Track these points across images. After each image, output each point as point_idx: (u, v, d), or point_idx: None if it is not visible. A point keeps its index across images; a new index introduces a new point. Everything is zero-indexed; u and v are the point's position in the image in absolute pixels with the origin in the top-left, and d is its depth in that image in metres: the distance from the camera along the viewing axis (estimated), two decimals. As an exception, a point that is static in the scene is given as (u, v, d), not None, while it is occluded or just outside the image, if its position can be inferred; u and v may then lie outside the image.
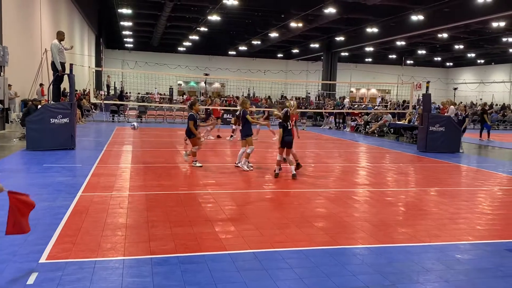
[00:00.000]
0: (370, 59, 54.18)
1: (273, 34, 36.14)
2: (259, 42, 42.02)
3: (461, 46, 40.92)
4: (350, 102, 32.73)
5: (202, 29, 36.59)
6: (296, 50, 48.19)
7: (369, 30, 31.35)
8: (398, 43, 38.85)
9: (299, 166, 9.91)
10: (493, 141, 19.09)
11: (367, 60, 54.34)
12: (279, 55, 53.12)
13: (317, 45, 42.37)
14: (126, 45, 49.95)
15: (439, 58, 51.91)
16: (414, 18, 25.77)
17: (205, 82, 37.89)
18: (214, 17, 29.77)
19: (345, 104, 26.54)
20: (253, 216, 6.35)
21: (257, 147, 12.70)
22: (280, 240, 5.31)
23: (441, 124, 14.52)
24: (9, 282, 3.98)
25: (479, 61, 51.98)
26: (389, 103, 32.72)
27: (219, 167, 10.24)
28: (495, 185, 9.53)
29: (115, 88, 40.54)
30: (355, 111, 25.14)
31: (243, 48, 46.82)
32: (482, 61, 51.79)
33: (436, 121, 14.56)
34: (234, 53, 50.95)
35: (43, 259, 4.48)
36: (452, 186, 9.27)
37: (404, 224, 6.25)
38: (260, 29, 36.94)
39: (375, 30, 31.18)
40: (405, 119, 19.65)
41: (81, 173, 8.95)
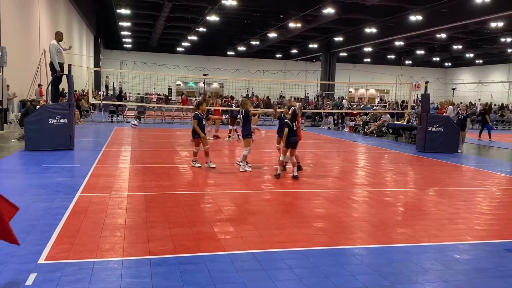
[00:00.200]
0: (369, 60, 54.23)
1: (272, 35, 36.15)
2: (258, 43, 42.02)
3: (460, 46, 40.97)
4: (349, 103, 32.73)
5: (201, 30, 36.59)
6: (295, 51, 48.21)
7: (368, 30, 31.38)
8: (397, 43, 38.89)
9: (300, 169, 9.90)
10: (494, 142, 19.11)
11: (366, 61, 54.39)
12: (278, 56, 53.15)
13: (316, 46, 42.40)
14: (125, 46, 49.91)
15: (438, 58, 51.97)
16: (413, 18, 25.81)
17: (204, 83, 37.85)
18: (213, 18, 29.77)
19: (344, 105, 26.55)
20: (252, 217, 6.35)
21: (256, 147, 12.70)
22: (279, 241, 5.31)
23: (440, 124, 14.53)
24: (8, 283, 3.97)
25: (478, 61, 52.06)
26: (388, 104, 32.70)
27: (218, 168, 10.23)
28: (494, 185, 9.55)
29: (114, 89, 40.53)
30: (354, 111, 25.16)
31: (242, 49, 46.82)
32: (481, 61, 51.86)
33: (435, 121, 14.57)
34: (233, 54, 50.95)
35: (42, 260, 4.47)
36: (451, 186, 9.28)
37: (403, 224, 6.25)
38: (259, 30, 36.94)
39: (374, 30, 31.20)
40: (404, 119, 19.68)
41: (80, 174, 8.94)
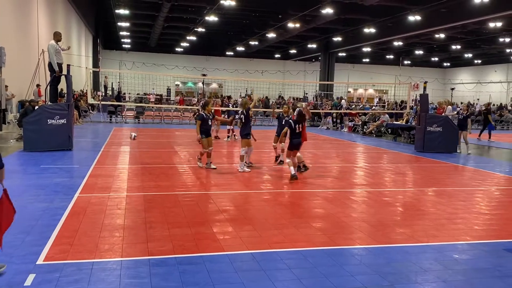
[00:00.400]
0: (368, 60, 54.26)
1: (271, 35, 36.16)
2: (257, 43, 42.02)
3: (458, 47, 41.01)
4: (348, 103, 32.75)
5: (200, 30, 36.58)
6: (294, 51, 48.22)
7: (367, 31, 31.40)
8: (396, 44, 38.92)
9: (306, 169, 9.88)
10: (493, 142, 19.12)
11: (365, 61, 54.42)
12: (277, 56, 53.15)
13: (315, 46, 42.40)
14: (124, 46, 49.87)
15: (436, 59, 52.03)
16: (411, 19, 25.83)
17: (203, 83, 37.83)
18: (212, 18, 29.76)
19: (343, 105, 26.57)
20: (251, 217, 6.35)
21: (256, 147, 12.68)
22: (278, 241, 5.31)
23: (439, 124, 14.54)
24: (7, 284, 3.96)
25: (476, 61, 52.12)
26: (386, 104, 32.73)
27: (217, 168, 10.22)
28: (493, 185, 9.56)
29: (113, 89, 40.50)
30: (353, 112, 25.18)
31: (241, 49, 46.82)
32: (479, 61, 51.93)
33: (434, 121, 14.58)
34: (232, 54, 50.95)
35: (41, 261, 4.46)
36: (450, 186, 9.29)
37: (402, 224, 6.26)
38: (258, 30, 36.94)
39: (373, 31, 31.22)
40: (403, 119, 19.69)
41: (79, 174, 8.93)
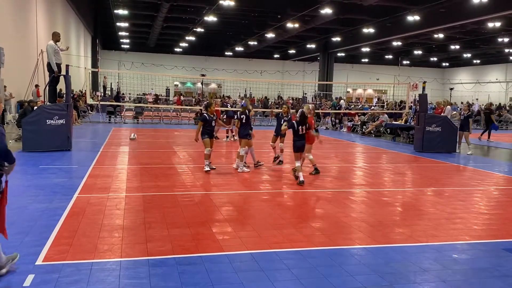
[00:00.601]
0: (367, 60, 54.28)
1: (270, 35, 36.16)
2: (256, 43, 42.02)
3: (457, 46, 41.04)
4: (347, 103, 32.76)
5: (199, 30, 36.55)
6: (293, 51, 48.22)
7: (366, 31, 31.42)
8: (394, 44, 38.94)
9: (316, 172, 9.85)
10: (492, 142, 19.12)
11: (364, 61, 54.44)
12: (276, 56, 53.15)
13: (314, 46, 42.41)
14: (123, 46, 49.84)
15: (435, 59, 52.05)
16: (410, 19, 25.84)
17: (202, 83, 37.86)
18: (211, 18, 29.74)
19: (341, 105, 26.58)
20: (250, 217, 6.35)
21: (254, 147, 12.65)
22: (278, 241, 5.31)
23: (438, 124, 14.56)
24: (6, 284, 3.96)
25: (475, 61, 52.17)
26: (386, 104, 32.75)
27: (217, 168, 10.22)
28: (492, 185, 9.57)
29: (112, 89, 40.46)
30: (352, 112, 25.19)
31: (240, 49, 46.82)
32: (478, 61, 51.98)
33: (433, 121, 14.59)
34: (231, 54, 50.94)
35: (40, 261, 4.46)
36: (449, 186, 9.29)
37: (401, 224, 6.26)
38: (257, 30, 36.94)
39: (371, 31, 31.24)
40: (402, 119, 19.70)
41: (78, 175, 8.92)
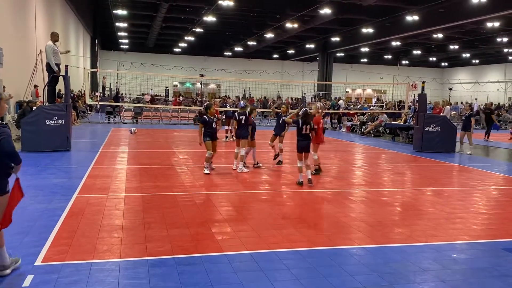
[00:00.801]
0: (366, 60, 54.30)
1: (269, 35, 36.16)
2: (255, 43, 42.01)
3: (456, 46, 41.06)
4: (346, 103, 32.75)
5: (198, 30, 36.54)
6: (292, 51, 48.21)
7: (365, 31, 31.43)
8: (394, 44, 38.95)
9: (317, 172, 9.82)
10: (491, 141, 19.13)
11: (363, 61, 54.45)
12: (275, 56, 53.14)
13: (313, 46, 42.42)
14: (122, 46, 49.81)
15: (434, 58, 52.07)
16: (409, 19, 25.86)
17: (201, 83, 37.78)
18: (210, 18, 29.74)
19: (340, 105, 26.57)
20: (250, 217, 6.35)
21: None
22: (277, 241, 5.31)
23: (437, 124, 14.57)
24: (5, 285, 3.95)
25: (474, 61, 52.21)
26: (385, 104, 32.76)
27: (216, 168, 10.21)
28: (491, 185, 9.57)
29: (111, 89, 40.43)
30: (351, 112, 25.19)
31: (239, 49, 46.80)
32: (477, 61, 52.02)
33: (432, 121, 14.60)
34: (230, 54, 50.92)
35: (39, 262, 4.46)
36: (448, 186, 9.30)
37: (401, 224, 6.26)
38: (256, 30, 36.93)
39: (371, 31, 31.26)
40: (401, 119, 19.71)
41: (77, 175, 8.91)
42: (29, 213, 6.09)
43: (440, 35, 33.00)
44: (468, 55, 47.88)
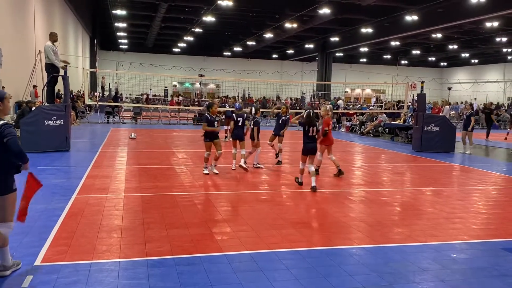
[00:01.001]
0: (365, 60, 54.33)
1: (268, 35, 36.16)
2: (254, 43, 42.01)
3: (455, 46, 41.10)
4: (345, 103, 32.76)
5: (197, 30, 36.54)
6: (291, 51, 48.23)
7: (364, 31, 31.44)
8: (393, 43, 38.97)
9: (317, 173, 9.80)
10: (491, 141, 19.14)
11: (362, 61, 54.48)
12: (274, 56, 53.14)
13: (312, 46, 42.43)
14: (121, 46, 49.78)
15: (433, 58, 52.11)
16: (408, 18, 25.87)
17: (200, 83, 37.82)
18: (209, 18, 29.74)
19: (340, 105, 26.57)
20: (249, 217, 6.34)
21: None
22: (276, 241, 5.30)
23: (436, 124, 14.58)
24: (5, 286, 3.95)
25: (473, 61, 52.25)
26: (384, 104, 32.77)
27: (216, 168, 10.20)
28: (490, 185, 9.58)
29: (110, 90, 40.42)
30: (350, 111, 25.20)
31: (238, 49, 46.81)
32: (476, 61, 52.06)
33: (431, 121, 14.61)
34: (229, 54, 50.92)
35: (38, 262, 4.45)
36: (447, 186, 9.31)
37: (400, 224, 6.26)
38: (255, 30, 36.94)
39: (370, 31, 31.27)
40: (400, 119, 19.71)
41: (76, 175, 8.90)
42: (29, 214, 6.05)
43: (439, 35, 33.03)
44: (467, 55, 47.91)
